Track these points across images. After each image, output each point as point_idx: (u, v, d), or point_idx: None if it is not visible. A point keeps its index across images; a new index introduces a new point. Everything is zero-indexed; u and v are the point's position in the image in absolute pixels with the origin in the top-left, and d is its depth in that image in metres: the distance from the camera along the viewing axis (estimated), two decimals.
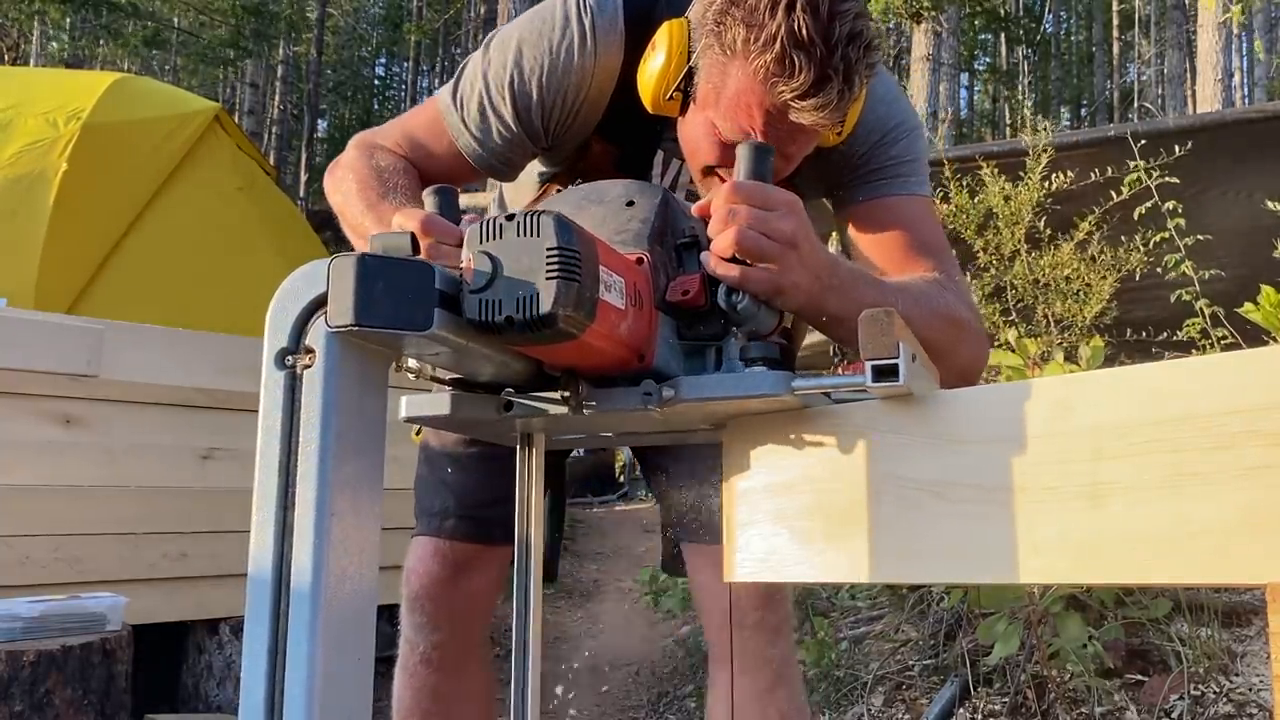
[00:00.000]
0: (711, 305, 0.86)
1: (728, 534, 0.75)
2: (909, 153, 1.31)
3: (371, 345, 0.72)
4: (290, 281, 0.71)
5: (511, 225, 0.72)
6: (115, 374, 2.57)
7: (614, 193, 0.93)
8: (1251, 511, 0.48)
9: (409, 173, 1.30)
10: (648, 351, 0.82)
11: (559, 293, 0.69)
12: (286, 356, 0.70)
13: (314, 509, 0.68)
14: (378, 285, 0.68)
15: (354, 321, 0.67)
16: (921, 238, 1.28)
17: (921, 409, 0.65)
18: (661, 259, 0.87)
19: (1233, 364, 0.49)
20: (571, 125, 1.29)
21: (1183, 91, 15.88)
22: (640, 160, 1.34)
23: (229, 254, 4.48)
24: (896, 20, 12.58)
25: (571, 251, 0.71)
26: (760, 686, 1.38)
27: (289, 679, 0.65)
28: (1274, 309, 2.33)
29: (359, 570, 0.70)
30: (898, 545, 0.64)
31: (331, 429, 0.69)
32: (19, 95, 4.51)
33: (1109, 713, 2.36)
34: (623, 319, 0.78)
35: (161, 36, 19.11)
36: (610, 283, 0.76)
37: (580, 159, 1.34)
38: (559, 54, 1.25)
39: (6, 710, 1.86)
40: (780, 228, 0.89)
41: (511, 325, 0.71)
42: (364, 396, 0.72)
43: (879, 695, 2.78)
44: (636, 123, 1.27)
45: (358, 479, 0.71)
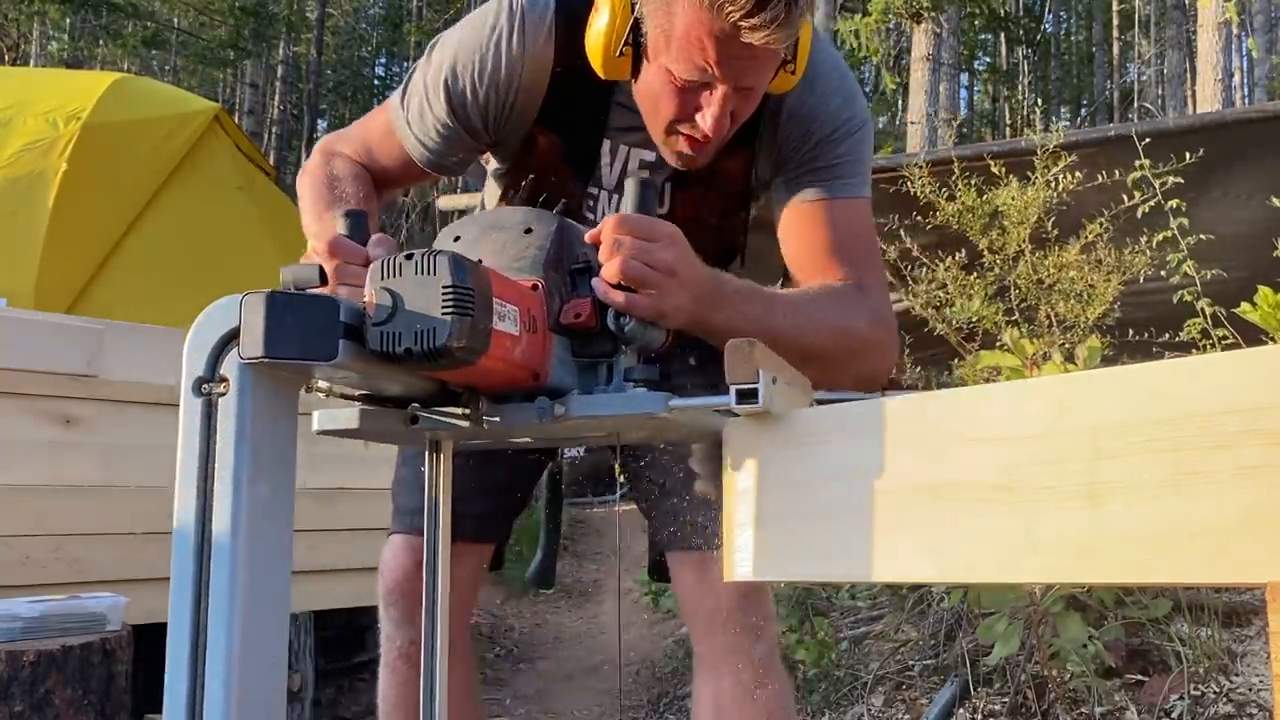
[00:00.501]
0: (602, 327, 0.95)
1: (727, 533, 0.75)
2: (852, 153, 1.32)
3: (282, 373, 0.79)
4: (206, 314, 0.77)
5: (410, 263, 0.80)
6: (115, 374, 2.58)
7: (513, 220, 1.00)
8: (1251, 511, 0.48)
9: (359, 179, 1.39)
10: (542, 371, 0.90)
11: (454, 327, 0.77)
12: (203, 384, 0.77)
13: (229, 527, 0.75)
14: (286, 319, 0.75)
15: (264, 354, 0.74)
16: (843, 243, 1.30)
17: (921, 408, 0.65)
18: (556, 283, 0.95)
19: (1232, 363, 0.49)
20: (509, 118, 1.32)
21: (1183, 91, 15.88)
22: (587, 151, 1.36)
23: (229, 254, 4.48)
24: (896, 20, 12.58)
25: (465, 289, 0.78)
26: (744, 686, 1.39)
27: (209, 674, 0.74)
28: (1271, 309, 2.33)
29: (272, 580, 0.77)
30: (897, 544, 0.64)
31: (245, 452, 0.76)
32: (19, 95, 4.52)
33: (1109, 713, 2.36)
34: (516, 344, 0.86)
35: (161, 37, 19.11)
36: (504, 312, 0.84)
37: (527, 153, 1.36)
38: (489, 48, 1.29)
39: (6, 710, 1.86)
40: (661, 257, 0.97)
41: (410, 356, 0.78)
42: (276, 420, 0.79)
43: (879, 695, 2.78)
44: (580, 114, 1.32)
45: (270, 497, 0.78)
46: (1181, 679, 2.32)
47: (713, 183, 1.35)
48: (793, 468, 0.73)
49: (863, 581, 3.20)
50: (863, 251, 1.32)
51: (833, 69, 1.33)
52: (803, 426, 0.74)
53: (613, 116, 1.33)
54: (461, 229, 1.01)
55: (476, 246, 0.96)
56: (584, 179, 1.37)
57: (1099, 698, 2.36)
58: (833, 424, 0.71)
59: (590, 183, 1.38)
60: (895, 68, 15.72)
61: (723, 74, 1.12)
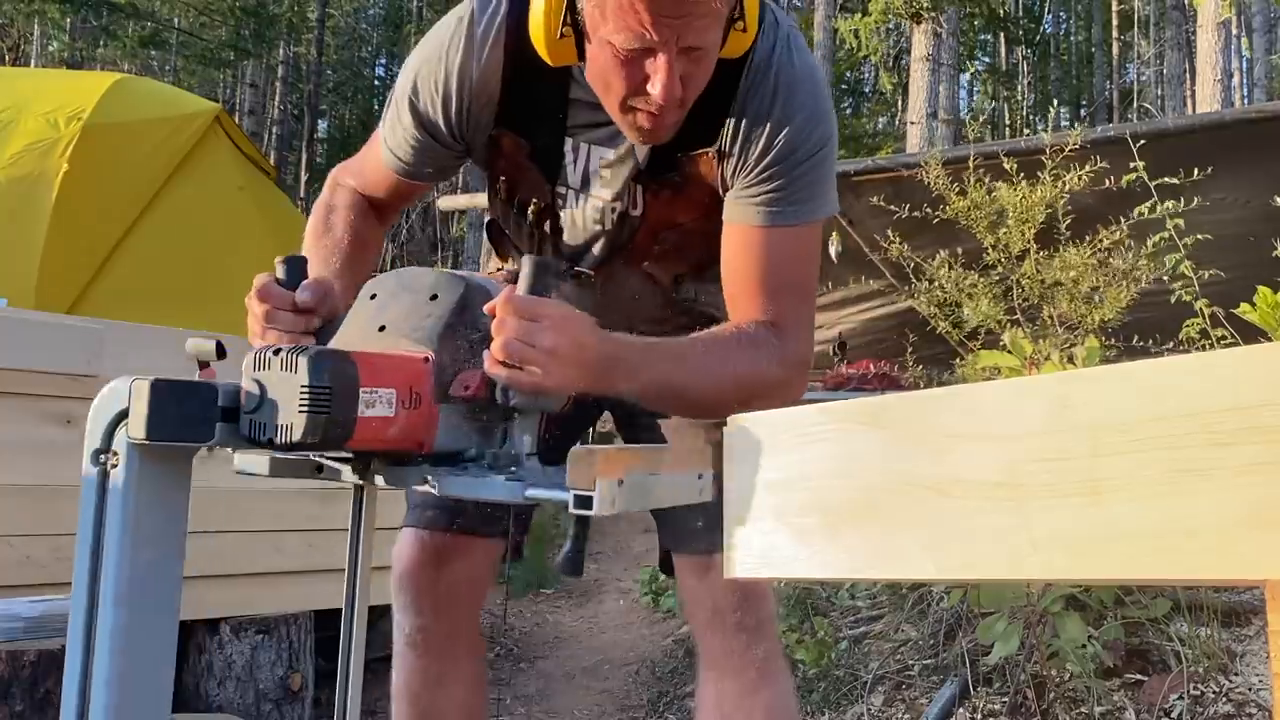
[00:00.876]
0: (491, 398, 1.00)
1: (727, 532, 0.76)
2: (807, 176, 1.29)
3: (168, 450, 0.87)
4: (105, 391, 0.88)
5: (276, 359, 0.87)
6: (115, 374, 2.56)
7: (424, 282, 1.05)
8: (1250, 508, 0.48)
9: (353, 208, 1.46)
10: (425, 440, 0.97)
11: (308, 425, 0.85)
12: (99, 455, 0.87)
13: (113, 590, 0.85)
14: (168, 405, 0.84)
15: (146, 436, 0.83)
16: (774, 274, 1.29)
17: (920, 406, 0.65)
18: (452, 352, 1.01)
19: (1232, 360, 0.50)
20: (469, 124, 1.34)
21: (1182, 92, 15.88)
22: (550, 151, 1.36)
23: (229, 254, 4.48)
24: (896, 20, 12.59)
25: (322, 389, 0.85)
26: (745, 686, 1.41)
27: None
28: (1270, 309, 2.33)
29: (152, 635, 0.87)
30: (897, 543, 0.64)
31: (130, 521, 0.85)
32: (20, 96, 4.52)
33: (1108, 712, 2.36)
34: (390, 424, 0.93)
35: (161, 37, 19.11)
36: (374, 399, 0.92)
37: (495, 156, 1.38)
38: (441, 59, 1.31)
39: (7, 710, 1.86)
40: (542, 340, 1.00)
41: (274, 445, 0.86)
42: (163, 491, 0.88)
43: (879, 695, 2.78)
44: (539, 114, 1.33)
45: (155, 561, 0.87)
46: (1181, 679, 2.32)
47: (684, 187, 1.34)
48: (792, 466, 0.73)
49: (863, 580, 3.20)
50: (793, 283, 1.31)
51: (805, 79, 1.29)
52: (803, 425, 0.74)
53: (572, 114, 1.33)
54: (378, 286, 1.07)
55: (384, 310, 1.04)
56: (551, 178, 1.38)
57: (1098, 697, 2.36)
58: (833, 422, 0.71)
59: (558, 182, 1.39)
60: (895, 68, 15.72)
61: (661, 35, 1.11)
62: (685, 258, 1.44)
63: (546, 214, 1.41)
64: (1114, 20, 22.38)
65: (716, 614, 1.43)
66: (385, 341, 1.00)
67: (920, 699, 2.69)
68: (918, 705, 2.66)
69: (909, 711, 2.67)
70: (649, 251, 1.42)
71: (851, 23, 12.80)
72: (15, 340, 2.43)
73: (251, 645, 2.68)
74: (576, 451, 0.86)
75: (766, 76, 1.27)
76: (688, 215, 1.37)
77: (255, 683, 2.68)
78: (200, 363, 1.00)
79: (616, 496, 0.86)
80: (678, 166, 1.32)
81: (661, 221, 1.38)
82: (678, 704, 3.16)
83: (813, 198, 1.30)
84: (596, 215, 1.40)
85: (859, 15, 13.04)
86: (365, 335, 1.02)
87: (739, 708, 1.41)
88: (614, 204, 1.38)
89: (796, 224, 1.30)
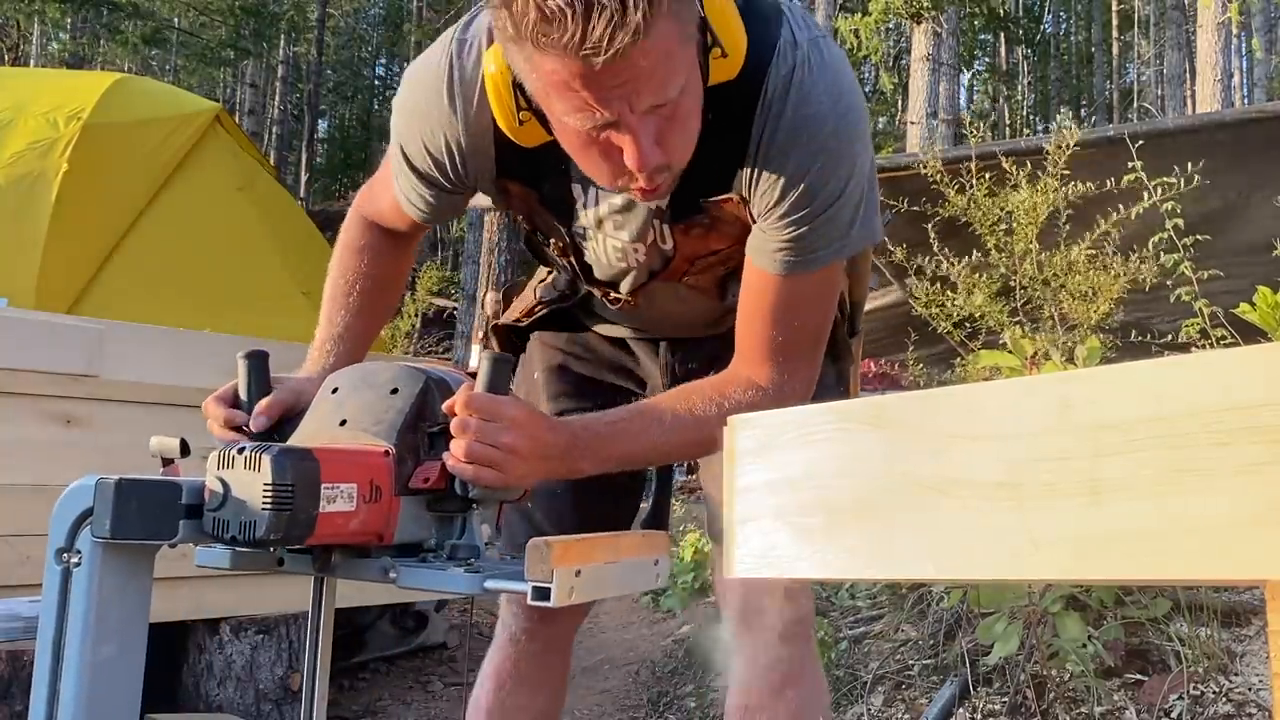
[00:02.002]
0: (451, 490, 1.03)
1: (728, 530, 0.76)
2: (835, 219, 1.19)
3: (130, 547, 0.89)
4: (68, 492, 0.88)
5: (241, 457, 0.90)
6: (115, 374, 2.58)
7: (384, 378, 1.07)
8: (1251, 508, 0.48)
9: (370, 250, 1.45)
10: (385, 533, 1.00)
11: (271, 521, 0.87)
12: (62, 554, 0.88)
13: (74, 688, 0.89)
14: (131, 505, 0.85)
15: (110, 535, 0.85)
16: (783, 325, 1.25)
17: (922, 406, 0.65)
18: (411, 445, 1.04)
19: (1233, 360, 0.50)
20: (468, 176, 1.29)
21: (1182, 92, 15.88)
22: (559, 197, 1.31)
23: (229, 254, 4.48)
24: (896, 20, 12.59)
25: (284, 486, 0.88)
26: (772, 685, 1.40)
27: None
28: (1270, 310, 2.34)
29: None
30: (897, 542, 0.64)
31: (92, 618, 0.88)
32: (19, 95, 4.52)
33: (1108, 712, 2.36)
34: (352, 518, 0.96)
35: (161, 36, 19.11)
36: (335, 494, 0.95)
37: (508, 199, 1.34)
38: (426, 118, 1.25)
39: (7, 710, 1.86)
40: (502, 440, 1.02)
41: (236, 542, 0.89)
42: (125, 588, 0.90)
43: (879, 695, 2.78)
44: (541, 167, 1.26)
45: (116, 657, 0.90)
46: (1181, 679, 2.32)
47: (713, 226, 1.28)
48: (792, 466, 0.73)
49: (863, 580, 3.20)
50: (802, 329, 1.27)
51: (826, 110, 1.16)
52: (803, 425, 0.74)
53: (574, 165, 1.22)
54: (339, 380, 1.10)
55: (345, 403, 1.07)
56: (566, 222, 1.34)
57: (1098, 697, 2.36)
58: (833, 422, 0.71)
59: (574, 224, 1.34)
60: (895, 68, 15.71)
61: (613, 109, 1.00)
62: (728, 261, 1.37)
63: (569, 250, 1.38)
64: (1114, 20, 22.39)
65: (749, 608, 1.43)
66: (346, 435, 1.03)
67: (920, 699, 2.69)
68: (917, 705, 2.66)
69: (909, 711, 2.67)
70: (686, 272, 1.38)
71: (852, 22, 12.80)
72: (15, 340, 2.43)
73: (251, 645, 2.68)
74: (534, 543, 0.89)
75: (782, 112, 1.15)
76: (722, 243, 1.31)
77: (255, 683, 2.68)
78: (164, 460, 1.05)
79: (575, 587, 0.90)
80: (704, 209, 1.25)
81: (696, 252, 1.33)
82: (678, 704, 3.16)
83: (835, 240, 1.22)
84: (619, 255, 1.36)
85: (859, 15, 13.03)
86: (327, 429, 1.05)
87: (761, 708, 1.40)
88: (635, 245, 1.33)
89: (814, 271, 1.23)
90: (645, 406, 1.25)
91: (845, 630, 3.21)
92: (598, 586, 0.94)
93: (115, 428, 2.58)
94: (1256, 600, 2.52)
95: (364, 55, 27.77)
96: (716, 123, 1.14)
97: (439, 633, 3.60)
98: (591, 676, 3.58)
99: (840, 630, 3.21)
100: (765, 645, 1.40)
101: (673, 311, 1.47)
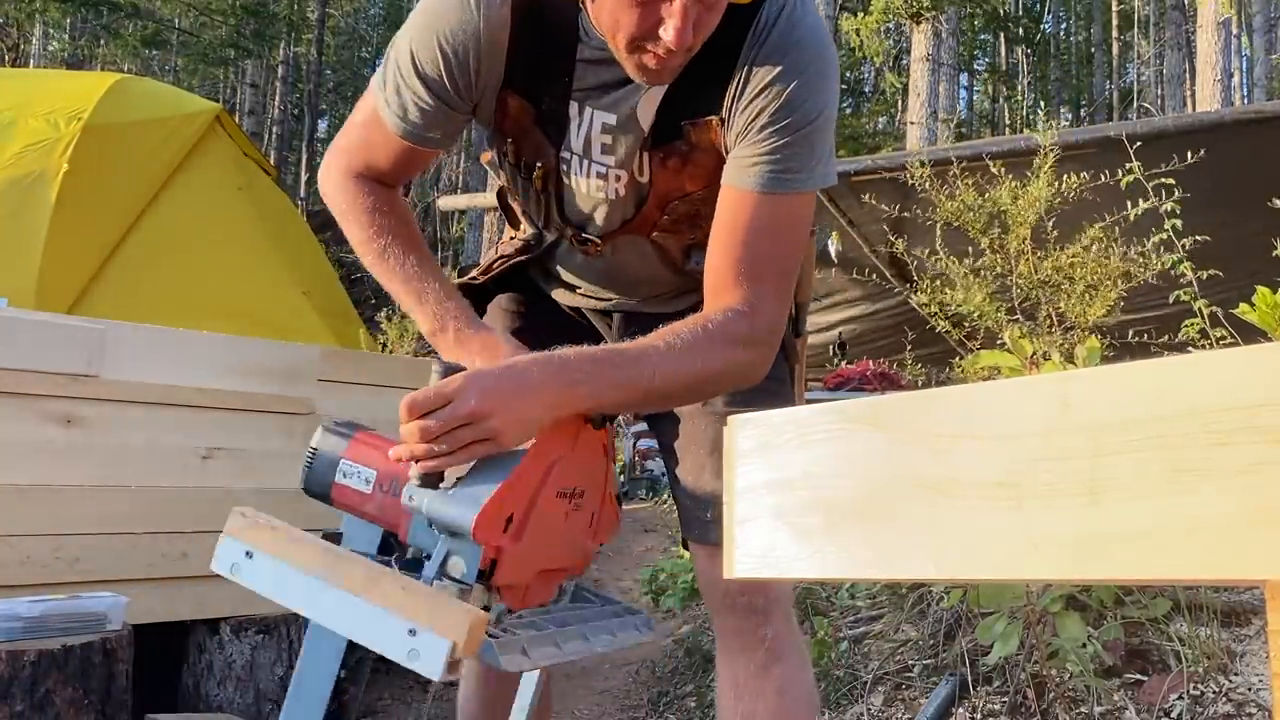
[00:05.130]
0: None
1: (727, 530, 0.76)
2: (802, 144, 1.27)
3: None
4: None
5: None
6: (115, 374, 2.58)
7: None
8: (1251, 508, 0.48)
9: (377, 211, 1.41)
10: (399, 530, 1.10)
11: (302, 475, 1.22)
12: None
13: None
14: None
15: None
16: (757, 244, 1.28)
17: (920, 406, 0.65)
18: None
19: (1233, 360, 0.50)
20: (477, 84, 1.32)
21: (1182, 92, 15.88)
22: (557, 114, 1.35)
23: (230, 254, 4.49)
24: (896, 20, 12.59)
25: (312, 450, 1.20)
26: (756, 666, 1.44)
27: None
28: (1270, 309, 2.33)
29: None
30: (897, 543, 0.64)
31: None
32: (20, 96, 4.52)
33: (1108, 712, 2.36)
34: (367, 500, 1.14)
35: (161, 36, 19.11)
36: (351, 471, 1.17)
37: (502, 117, 1.37)
38: (446, 19, 1.29)
39: (7, 710, 1.86)
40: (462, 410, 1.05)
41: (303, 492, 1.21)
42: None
43: (879, 695, 2.78)
44: (545, 75, 1.31)
45: None
46: (1181, 678, 2.32)
47: (690, 154, 1.33)
48: (792, 466, 0.73)
49: (862, 580, 3.20)
50: (775, 255, 1.30)
51: (811, 43, 1.27)
52: (803, 424, 0.74)
53: (579, 76, 1.31)
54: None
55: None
56: (556, 142, 1.37)
57: (1098, 697, 2.36)
58: (833, 422, 0.71)
59: (563, 146, 1.38)
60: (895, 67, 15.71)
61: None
62: (695, 228, 1.43)
63: (551, 178, 1.41)
64: (1114, 20, 22.38)
65: (727, 595, 1.46)
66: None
67: (920, 699, 2.69)
68: (917, 705, 2.66)
69: (908, 711, 2.67)
70: (657, 222, 1.41)
71: (854, 22, 12.79)
72: (15, 340, 2.43)
73: (251, 645, 2.68)
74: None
75: (771, 38, 1.25)
76: (695, 184, 1.36)
77: (255, 683, 2.68)
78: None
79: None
80: (683, 134, 1.31)
81: (670, 191, 1.38)
82: (678, 704, 3.16)
83: (808, 167, 1.28)
84: (600, 183, 1.39)
85: (860, 15, 13.03)
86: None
87: (749, 687, 1.44)
88: (618, 170, 1.37)
89: (789, 192, 1.28)
90: (633, 343, 1.24)
91: (845, 630, 3.21)
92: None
93: (115, 428, 2.58)
94: (1256, 600, 2.52)
95: (364, 55, 27.76)
96: (709, 44, 1.22)
97: None
98: (591, 676, 3.58)
99: (840, 630, 3.21)
100: (746, 626, 1.45)
101: (633, 268, 1.49)
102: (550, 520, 1.10)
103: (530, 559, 1.07)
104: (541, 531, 1.08)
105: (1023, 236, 3.33)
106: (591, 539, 1.20)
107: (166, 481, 2.66)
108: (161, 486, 2.65)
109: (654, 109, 1.32)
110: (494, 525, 1.02)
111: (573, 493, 1.14)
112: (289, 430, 2.83)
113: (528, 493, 1.07)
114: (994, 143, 4.95)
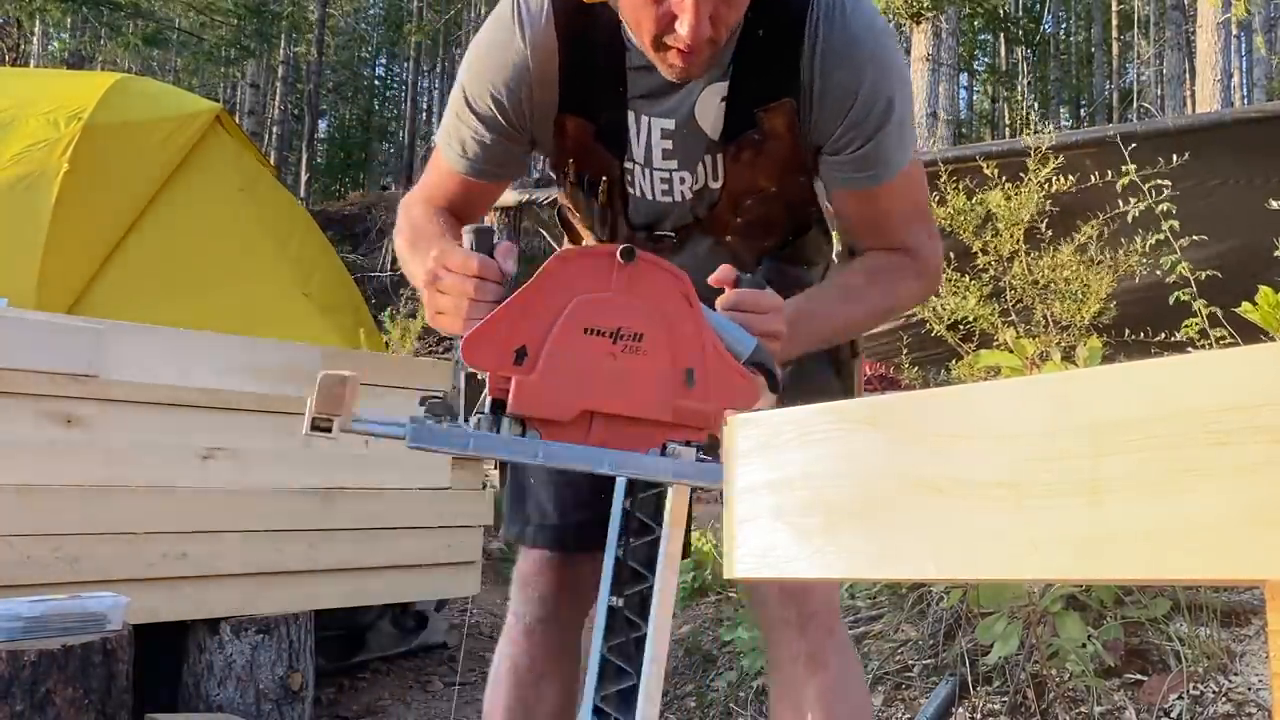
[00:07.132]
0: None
1: (727, 530, 0.76)
2: (893, 134, 1.31)
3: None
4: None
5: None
6: (115, 374, 2.58)
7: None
8: (1251, 508, 0.48)
9: (439, 215, 1.43)
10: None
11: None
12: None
13: None
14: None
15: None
16: (894, 215, 1.38)
17: (920, 406, 0.65)
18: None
19: (1233, 360, 0.50)
20: (533, 114, 1.35)
21: (1182, 92, 15.88)
22: (614, 126, 1.37)
23: (230, 254, 4.48)
24: (896, 20, 12.58)
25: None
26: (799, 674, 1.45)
27: None
28: (1271, 309, 2.33)
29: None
30: (897, 543, 0.64)
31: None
32: (20, 96, 4.52)
33: (1108, 712, 2.36)
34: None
35: (162, 36, 19.11)
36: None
37: (562, 140, 1.38)
38: (494, 52, 1.33)
39: (7, 710, 1.86)
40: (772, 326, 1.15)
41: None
42: None
43: (879, 695, 2.78)
44: (598, 90, 1.33)
45: None
46: (1180, 678, 2.32)
47: (762, 147, 1.34)
48: (792, 465, 0.73)
49: (862, 580, 3.20)
50: (913, 215, 1.40)
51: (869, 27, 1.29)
52: (803, 424, 0.74)
53: (631, 84, 1.33)
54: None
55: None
56: (619, 154, 1.39)
57: (1098, 697, 2.36)
58: (833, 422, 0.71)
59: (625, 158, 1.39)
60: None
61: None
62: (770, 230, 1.44)
63: (616, 189, 1.41)
64: (1114, 20, 22.38)
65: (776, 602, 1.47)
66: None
67: (920, 699, 2.69)
68: (917, 705, 2.66)
69: (908, 711, 2.67)
70: (730, 223, 1.42)
71: None
72: (15, 340, 2.43)
73: (251, 645, 2.68)
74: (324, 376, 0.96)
75: (832, 20, 1.26)
76: (768, 179, 1.37)
77: (255, 683, 2.68)
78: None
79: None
80: (757, 123, 1.32)
81: (743, 189, 1.38)
82: (678, 704, 3.15)
83: (904, 145, 1.34)
84: (664, 187, 1.39)
85: None
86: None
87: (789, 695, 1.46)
88: (681, 173, 1.38)
89: (899, 171, 1.35)
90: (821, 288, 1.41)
91: (845, 630, 3.21)
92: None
93: (115, 428, 2.58)
94: (1256, 600, 2.52)
95: (364, 55, 27.76)
96: (770, 30, 1.26)
97: (439, 633, 3.60)
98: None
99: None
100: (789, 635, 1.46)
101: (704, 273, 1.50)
102: (578, 358, 1.03)
103: (553, 395, 1.03)
104: (565, 368, 1.03)
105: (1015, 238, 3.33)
106: (700, 399, 1.06)
107: (166, 481, 2.66)
108: (161, 486, 2.65)
109: (714, 108, 1.33)
110: (483, 351, 1.01)
111: (615, 333, 1.05)
112: (289, 430, 2.83)
113: (539, 325, 1.02)
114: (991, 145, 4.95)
